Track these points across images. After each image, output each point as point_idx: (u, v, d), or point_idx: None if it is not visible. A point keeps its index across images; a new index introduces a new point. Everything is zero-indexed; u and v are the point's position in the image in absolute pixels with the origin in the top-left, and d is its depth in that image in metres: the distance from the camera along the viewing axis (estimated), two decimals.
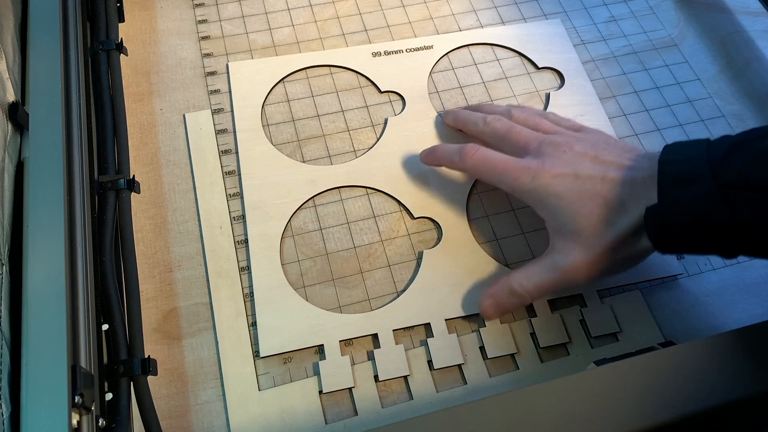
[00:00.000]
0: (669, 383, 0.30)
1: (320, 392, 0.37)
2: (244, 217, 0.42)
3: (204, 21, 0.52)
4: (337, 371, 0.37)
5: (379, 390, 0.37)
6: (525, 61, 0.51)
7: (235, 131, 0.46)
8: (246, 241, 0.41)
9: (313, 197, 0.43)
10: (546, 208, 0.37)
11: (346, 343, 0.38)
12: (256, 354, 0.38)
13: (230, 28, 0.52)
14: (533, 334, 0.39)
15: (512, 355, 0.38)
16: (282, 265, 0.40)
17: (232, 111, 0.47)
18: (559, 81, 0.50)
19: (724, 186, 0.30)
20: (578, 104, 0.49)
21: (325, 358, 0.37)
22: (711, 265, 0.42)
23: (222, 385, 0.37)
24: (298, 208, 0.43)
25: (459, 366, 0.38)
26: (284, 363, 0.38)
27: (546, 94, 0.49)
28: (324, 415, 0.36)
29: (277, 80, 0.48)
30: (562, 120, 0.42)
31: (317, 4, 0.54)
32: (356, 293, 0.40)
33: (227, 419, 0.36)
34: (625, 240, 0.35)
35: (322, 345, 0.38)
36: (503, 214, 0.43)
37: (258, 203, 0.42)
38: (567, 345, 0.39)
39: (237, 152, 0.45)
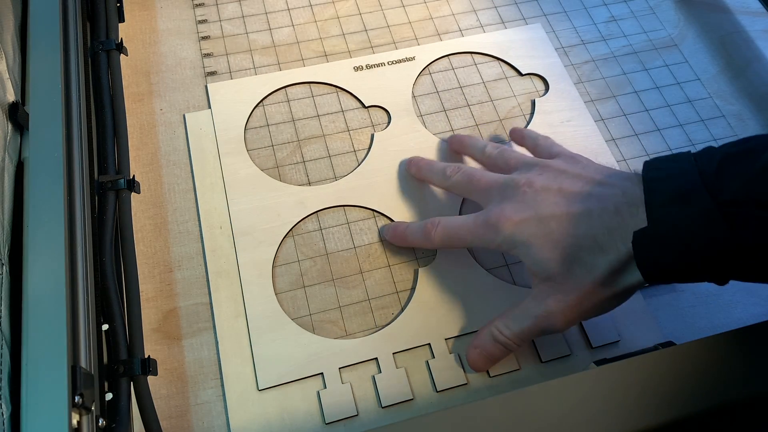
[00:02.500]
0: (669, 383, 0.30)
1: (325, 423, 0.36)
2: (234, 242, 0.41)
3: (204, 21, 0.52)
4: (338, 400, 0.36)
5: (379, 390, 0.37)
6: (508, 68, 0.51)
7: (219, 155, 0.44)
8: (238, 267, 0.40)
9: (303, 219, 0.42)
10: (519, 256, 0.35)
11: (347, 369, 0.38)
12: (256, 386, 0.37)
13: (230, 28, 0.52)
14: (534, 345, 0.39)
15: (513, 355, 0.38)
16: (276, 294, 0.39)
17: (214, 133, 0.45)
18: (543, 87, 0.50)
19: (724, 204, 0.28)
20: (564, 110, 0.48)
21: (325, 387, 0.37)
22: None
23: (222, 385, 0.37)
24: (287, 233, 0.42)
25: (460, 364, 0.38)
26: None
27: (531, 100, 0.49)
28: (324, 415, 0.36)
29: (258, 100, 0.47)
30: (540, 143, 0.40)
31: (317, 4, 0.54)
32: (356, 293, 0.40)
33: (227, 419, 0.36)
34: (604, 281, 0.32)
35: (322, 373, 0.37)
36: None
37: (247, 229, 0.42)
38: (567, 345, 0.39)
39: (222, 177, 0.44)
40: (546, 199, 0.34)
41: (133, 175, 0.40)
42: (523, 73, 0.50)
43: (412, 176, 0.44)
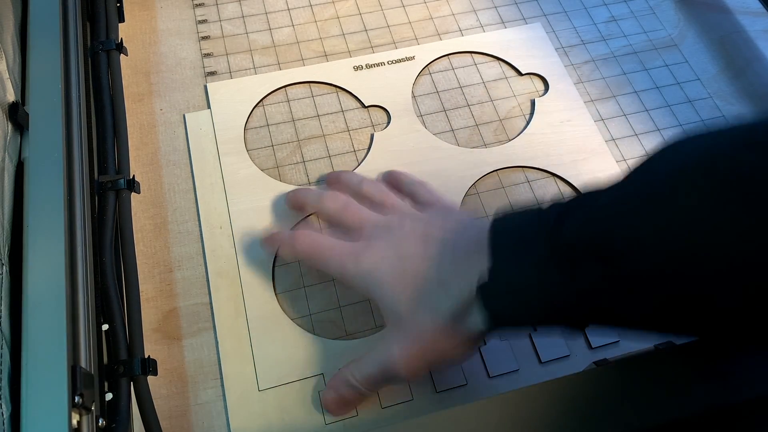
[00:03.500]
0: (669, 383, 0.30)
1: (325, 423, 0.36)
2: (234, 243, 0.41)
3: (204, 21, 0.52)
4: None
5: (378, 390, 0.37)
6: (507, 68, 0.51)
7: (218, 154, 0.45)
8: (237, 267, 0.40)
9: (303, 219, 0.42)
10: (371, 294, 0.34)
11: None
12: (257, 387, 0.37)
13: (230, 28, 0.52)
14: (534, 345, 0.39)
15: (512, 355, 0.38)
16: (276, 294, 0.39)
17: (214, 133, 0.45)
18: (543, 87, 0.50)
19: (558, 249, 0.28)
20: (564, 110, 0.48)
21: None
22: None
23: (222, 385, 0.37)
24: None
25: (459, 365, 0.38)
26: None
27: (531, 100, 0.49)
28: (324, 415, 0.36)
29: (258, 100, 0.47)
30: (419, 192, 0.40)
31: (317, 4, 0.54)
32: (356, 293, 0.40)
33: (227, 419, 0.36)
34: (447, 324, 0.31)
35: (322, 374, 0.37)
36: None
37: (247, 229, 0.42)
38: (567, 346, 0.39)
39: (222, 177, 0.44)
40: (409, 242, 0.34)
41: (133, 175, 0.40)
42: (523, 72, 0.50)
43: (288, 204, 0.42)
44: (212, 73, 0.49)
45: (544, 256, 0.28)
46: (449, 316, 0.31)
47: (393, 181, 0.42)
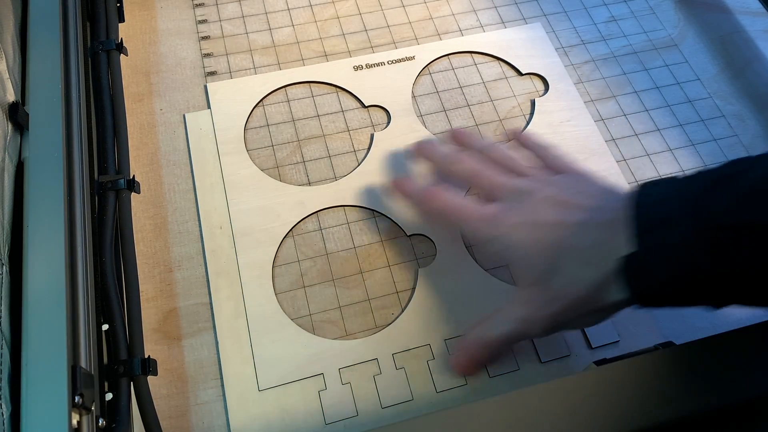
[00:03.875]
0: (669, 383, 0.30)
1: (325, 423, 0.36)
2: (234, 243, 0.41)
3: (204, 21, 0.52)
4: (339, 400, 0.36)
5: (379, 390, 0.37)
6: (507, 68, 0.51)
7: (218, 154, 0.45)
8: (238, 267, 0.40)
9: (303, 219, 0.42)
10: (506, 258, 0.35)
11: (347, 369, 0.38)
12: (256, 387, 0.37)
13: (230, 28, 0.52)
14: (534, 345, 0.39)
15: (512, 355, 0.38)
16: (276, 294, 0.39)
17: (214, 133, 0.45)
18: (543, 87, 0.50)
19: (709, 228, 0.27)
20: (564, 109, 0.48)
21: (326, 387, 0.37)
22: None
23: (222, 385, 0.37)
24: (287, 233, 0.42)
25: None
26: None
27: (531, 100, 0.49)
28: (324, 415, 0.36)
29: (258, 100, 0.47)
30: (549, 157, 0.40)
31: (317, 4, 0.54)
32: (356, 293, 0.40)
33: (227, 419, 0.36)
34: (586, 294, 0.31)
35: (322, 374, 0.37)
36: None
37: (247, 229, 0.42)
38: (567, 346, 0.39)
39: (222, 177, 0.44)
40: (545, 208, 0.34)
41: (133, 175, 0.40)
42: (523, 72, 0.50)
43: (414, 154, 0.43)
44: (212, 73, 0.49)
45: (693, 233, 0.27)
46: (587, 286, 0.31)
47: (523, 142, 0.42)
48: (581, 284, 0.31)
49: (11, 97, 0.37)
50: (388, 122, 0.47)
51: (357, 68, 0.49)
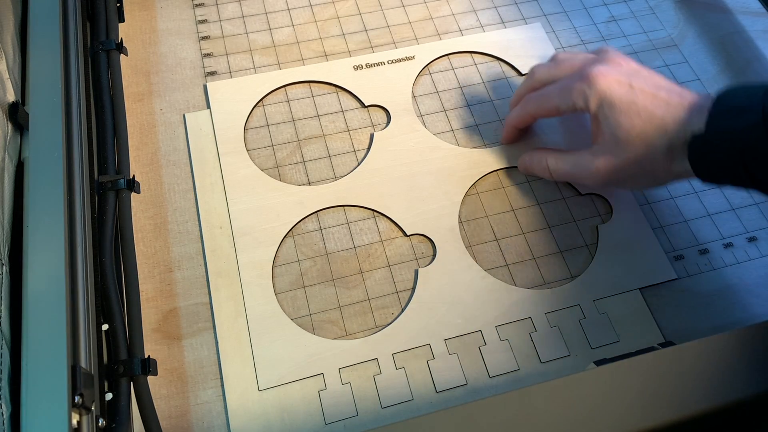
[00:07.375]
0: (669, 383, 0.30)
1: (325, 423, 0.36)
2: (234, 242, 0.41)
3: (204, 21, 0.52)
4: (338, 400, 0.36)
5: (379, 390, 0.37)
6: (508, 68, 0.51)
7: (218, 154, 0.45)
8: (238, 267, 0.40)
9: (303, 219, 0.42)
10: (599, 114, 0.38)
11: (347, 369, 0.38)
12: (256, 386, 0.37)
13: (230, 28, 0.52)
14: (534, 345, 0.39)
15: (512, 355, 0.38)
16: (276, 294, 0.40)
17: (214, 133, 0.45)
18: None
19: None
20: None
21: (326, 387, 0.37)
22: (711, 265, 0.42)
23: (222, 386, 0.37)
24: (287, 233, 0.42)
25: (459, 365, 0.38)
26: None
27: None
28: (324, 415, 0.36)
29: (257, 100, 0.47)
30: (608, 50, 0.43)
31: (317, 4, 0.54)
32: (356, 293, 0.40)
33: (227, 419, 0.36)
34: (654, 157, 0.36)
35: (322, 374, 0.37)
36: (503, 214, 0.43)
37: (247, 229, 0.42)
38: (567, 346, 0.39)
39: (222, 177, 0.44)
40: (639, 78, 0.38)
41: (133, 175, 0.40)
42: (523, 73, 0.50)
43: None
44: (212, 73, 0.49)
45: (754, 121, 0.31)
46: (659, 152, 0.36)
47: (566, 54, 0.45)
48: (653, 147, 0.36)
49: (11, 97, 0.37)
50: (388, 122, 0.47)
51: (357, 68, 0.49)
